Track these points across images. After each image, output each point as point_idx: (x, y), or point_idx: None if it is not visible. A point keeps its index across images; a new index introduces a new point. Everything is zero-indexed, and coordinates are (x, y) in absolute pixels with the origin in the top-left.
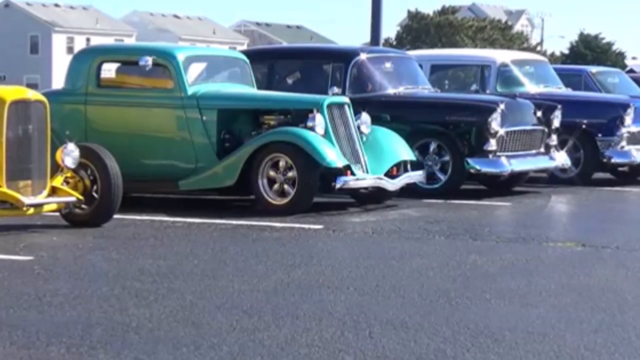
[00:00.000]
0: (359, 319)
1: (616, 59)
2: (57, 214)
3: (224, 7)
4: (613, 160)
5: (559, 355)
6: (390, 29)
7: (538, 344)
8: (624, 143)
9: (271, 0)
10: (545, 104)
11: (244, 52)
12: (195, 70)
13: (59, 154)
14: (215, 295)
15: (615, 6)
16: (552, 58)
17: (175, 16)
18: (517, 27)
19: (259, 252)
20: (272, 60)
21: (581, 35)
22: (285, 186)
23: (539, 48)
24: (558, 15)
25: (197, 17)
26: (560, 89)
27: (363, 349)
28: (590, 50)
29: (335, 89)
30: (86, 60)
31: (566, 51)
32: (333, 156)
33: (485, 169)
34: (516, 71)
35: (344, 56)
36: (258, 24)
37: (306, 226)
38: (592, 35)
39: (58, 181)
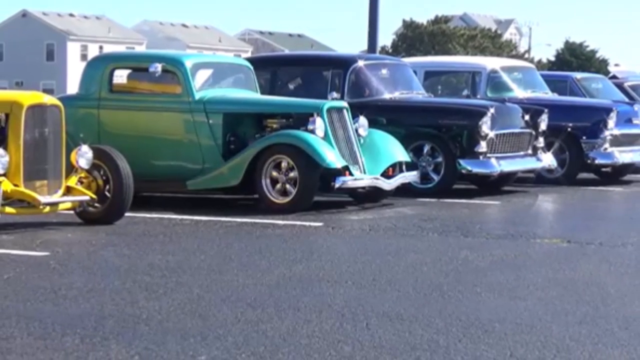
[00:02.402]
0: (357, 311)
1: (600, 66)
2: (72, 212)
3: (230, 16)
4: (597, 162)
5: (546, 346)
6: (386, 38)
7: (526, 334)
8: (607, 145)
9: (274, 10)
10: (532, 108)
11: (248, 59)
12: (202, 76)
13: (73, 156)
14: (221, 289)
15: (599, 16)
16: (539, 65)
17: (184, 25)
18: (506, 36)
19: (262, 248)
20: (275, 67)
21: (567, 43)
22: (287, 186)
23: (526, 55)
24: (545, 24)
25: (204, 26)
26: (546, 94)
27: (360, 339)
28: (575, 58)
29: (335, 94)
30: (99, 67)
31: (552, 58)
32: (332, 157)
33: (476, 170)
34: (505, 77)
35: (343, 63)
36: (261, 32)
37: (307, 224)
38: (577, 43)
39: (72, 181)
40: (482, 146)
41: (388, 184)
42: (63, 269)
